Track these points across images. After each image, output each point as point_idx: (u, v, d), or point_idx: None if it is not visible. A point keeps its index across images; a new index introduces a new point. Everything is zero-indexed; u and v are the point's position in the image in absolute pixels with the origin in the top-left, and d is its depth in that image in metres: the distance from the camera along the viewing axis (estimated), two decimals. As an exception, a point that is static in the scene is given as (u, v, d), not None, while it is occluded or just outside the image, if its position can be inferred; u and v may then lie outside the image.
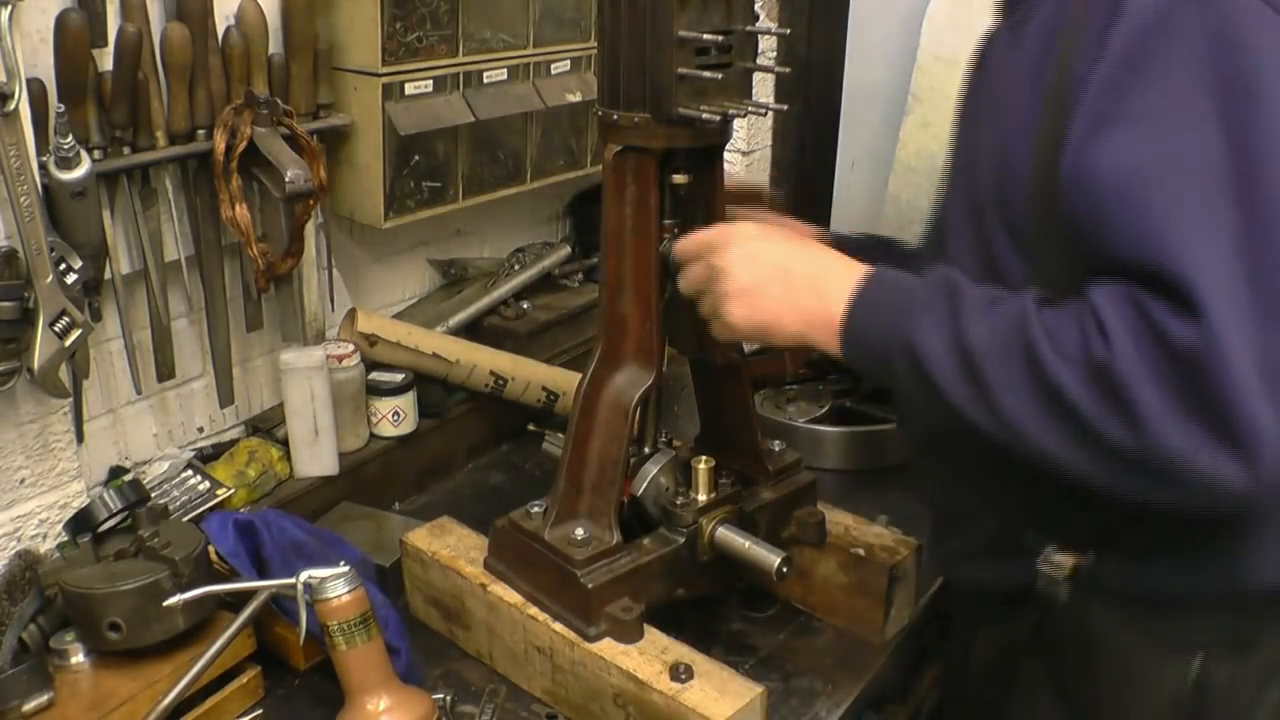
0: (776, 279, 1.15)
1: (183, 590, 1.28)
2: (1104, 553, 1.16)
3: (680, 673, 1.23)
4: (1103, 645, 1.19)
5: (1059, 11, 1.08)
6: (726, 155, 1.36)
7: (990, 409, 1.00)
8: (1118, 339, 0.93)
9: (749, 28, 1.27)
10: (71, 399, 1.46)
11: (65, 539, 1.46)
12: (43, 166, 1.33)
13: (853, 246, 1.57)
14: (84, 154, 1.35)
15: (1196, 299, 0.90)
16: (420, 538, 1.50)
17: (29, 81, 1.31)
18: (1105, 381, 0.93)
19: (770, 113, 1.31)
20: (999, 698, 1.33)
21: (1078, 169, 0.99)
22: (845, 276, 1.13)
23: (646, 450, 1.45)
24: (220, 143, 1.50)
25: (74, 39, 1.35)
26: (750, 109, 1.27)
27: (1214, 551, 1.12)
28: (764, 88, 2.14)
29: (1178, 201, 0.93)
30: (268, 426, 1.77)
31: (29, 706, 1.24)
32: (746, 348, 1.54)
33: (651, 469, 1.41)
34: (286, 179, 1.48)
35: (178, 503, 1.57)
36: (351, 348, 1.76)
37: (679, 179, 1.32)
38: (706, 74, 1.21)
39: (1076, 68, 1.02)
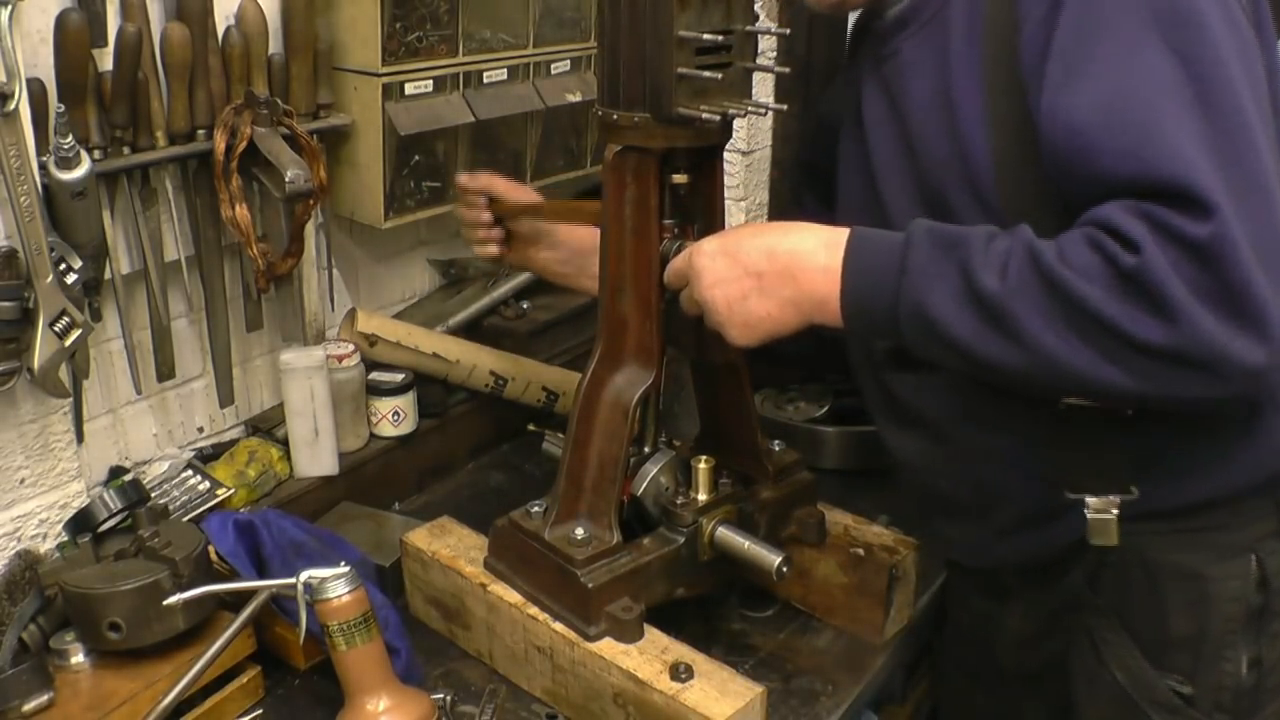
0: (752, 289, 1.17)
1: (183, 590, 1.28)
2: (1145, 481, 1.19)
3: (680, 673, 1.23)
4: (1163, 570, 1.23)
5: (971, 6, 1.15)
6: (726, 155, 1.36)
7: (1022, 349, 1.03)
8: (1145, 244, 0.97)
9: (749, 28, 1.27)
10: (71, 399, 1.46)
11: (65, 539, 1.46)
12: (43, 166, 1.33)
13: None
14: (84, 154, 1.35)
15: (1204, 197, 0.96)
16: (420, 538, 1.50)
17: (29, 81, 1.31)
18: (1138, 286, 0.97)
19: (770, 113, 1.31)
20: (1033, 669, 1.36)
21: (1057, 116, 1.05)
22: (821, 251, 1.14)
23: (646, 450, 1.45)
24: (220, 143, 1.50)
25: (74, 39, 1.35)
26: (750, 109, 1.27)
27: (1245, 444, 1.19)
28: (764, 88, 2.14)
29: (1157, 117, 1.00)
30: (268, 426, 1.77)
31: (29, 706, 1.24)
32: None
33: (651, 469, 1.41)
34: (286, 179, 1.48)
35: (178, 503, 1.57)
36: (351, 348, 1.76)
37: (679, 179, 1.32)
38: (706, 74, 1.21)
39: (1021, 37, 1.09)
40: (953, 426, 1.29)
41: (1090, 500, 1.20)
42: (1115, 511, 1.19)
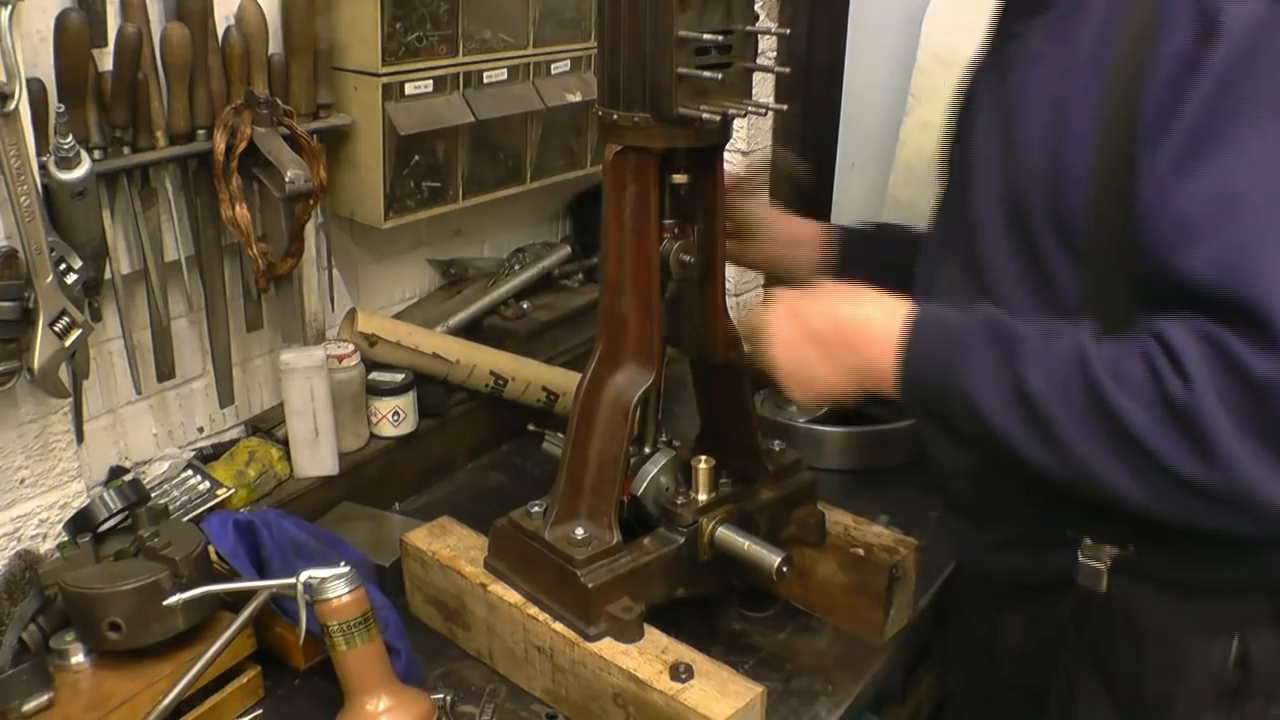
0: (816, 355, 1.19)
1: (183, 590, 1.28)
2: (1145, 546, 1.18)
3: (680, 673, 1.23)
4: (1145, 630, 1.22)
5: (1115, 11, 1.07)
6: (726, 155, 1.36)
7: (1058, 454, 1.03)
8: (1198, 378, 0.94)
9: (749, 28, 1.27)
10: (71, 399, 1.46)
11: (65, 539, 1.46)
12: (43, 166, 1.33)
13: (858, 237, 1.57)
14: (84, 154, 1.35)
15: (1275, 331, 0.92)
16: (420, 538, 1.50)
17: (29, 81, 1.31)
18: (1183, 420, 0.95)
19: (770, 113, 1.31)
20: (1033, 685, 1.35)
21: (1165, 196, 1.00)
22: (884, 325, 1.14)
23: (647, 450, 1.45)
24: (220, 143, 1.50)
25: (74, 39, 1.35)
26: (750, 109, 1.27)
27: (1254, 548, 1.16)
28: (764, 88, 2.14)
29: (1264, 230, 0.95)
30: (268, 426, 1.77)
31: (29, 706, 1.24)
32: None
33: (651, 469, 1.42)
34: (286, 179, 1.48)
35: (178, 503, 1.57)
36: (351, 348, 1.76)
37: (679, 179, 1.32)
38: (706, 74, 1.21)
39: (1151, 83, 1.01)
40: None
41: (1086, 543, 1.20)
42: (1109, 563, 1.19)
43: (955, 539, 1.46)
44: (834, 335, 1.18)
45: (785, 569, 1.33)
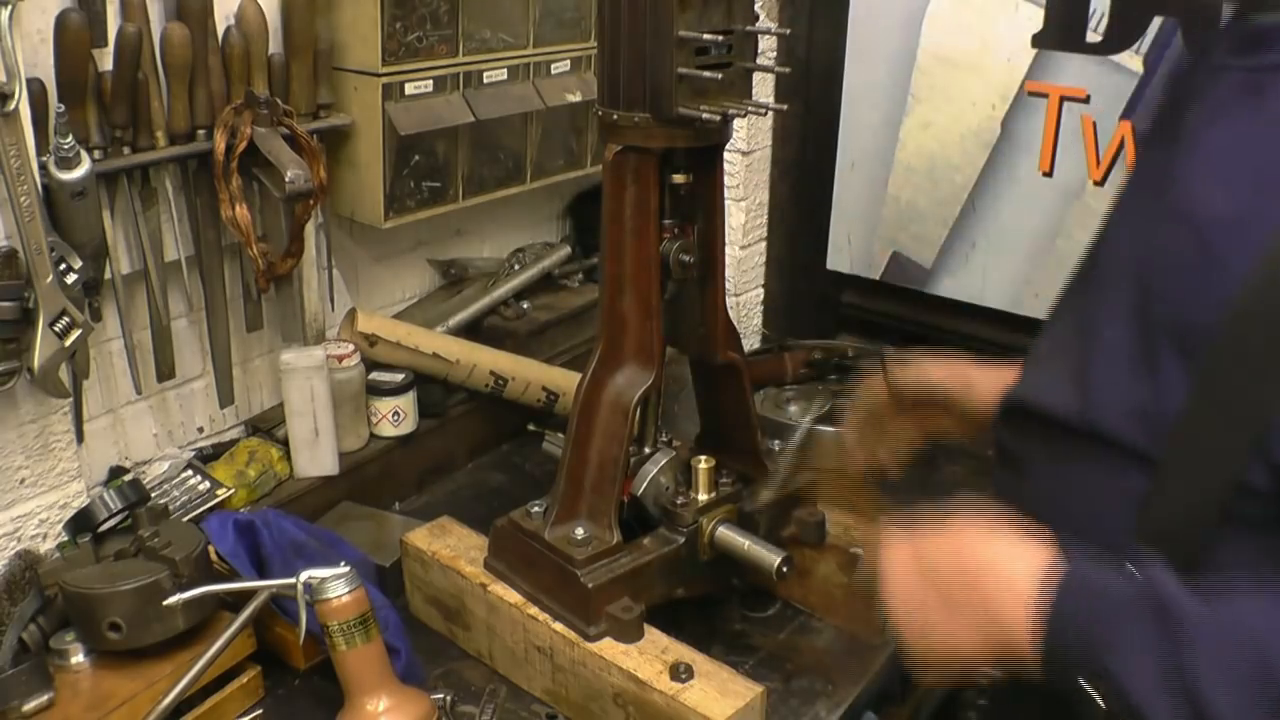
0: (937, 603, 0.99)
1: (183, 590, 1.28)
2: None
3: (680, 672, 1.23)
4: None
5: None
6: (726, 155, 1.36)
7: None
8: None
9: (749, 28, 1.27)
10: (71, 399, 1.46)
11: (65, 539, 1.46)
12: (43, 166, 1.33)
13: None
14: (84, 154, 1.35)
15: None
16: (420, 538, 1.50)
17: (29, 81, 1.31)
18: None
19: (770, 113, 1.31)
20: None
21: None
22: (1021, 575, 0.93)
23: (647, 450, 1.45)
24: (220, 143, 1.50)
25: (74, 39, 1.35)
26: (750, 109, 1.27)
27: None
28: (764, 88, 2.14)
29: None
30: (268, 426, 1.77)
31: (29, 706, 1.24)
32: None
33: (651, 469, 1.42)
34: (286, 179, 1.48)
35: (178, 503, 1.57)
36: (351, 348, 1.76)
37: (679, 179, 1.32)
38: (706, 74, 1.21)
39: None
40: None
41: None
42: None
43: None
44: (959, 580, 0.98)
45: (785, 569, 1.33)
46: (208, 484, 1.62)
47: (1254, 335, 0.85)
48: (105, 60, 1.41)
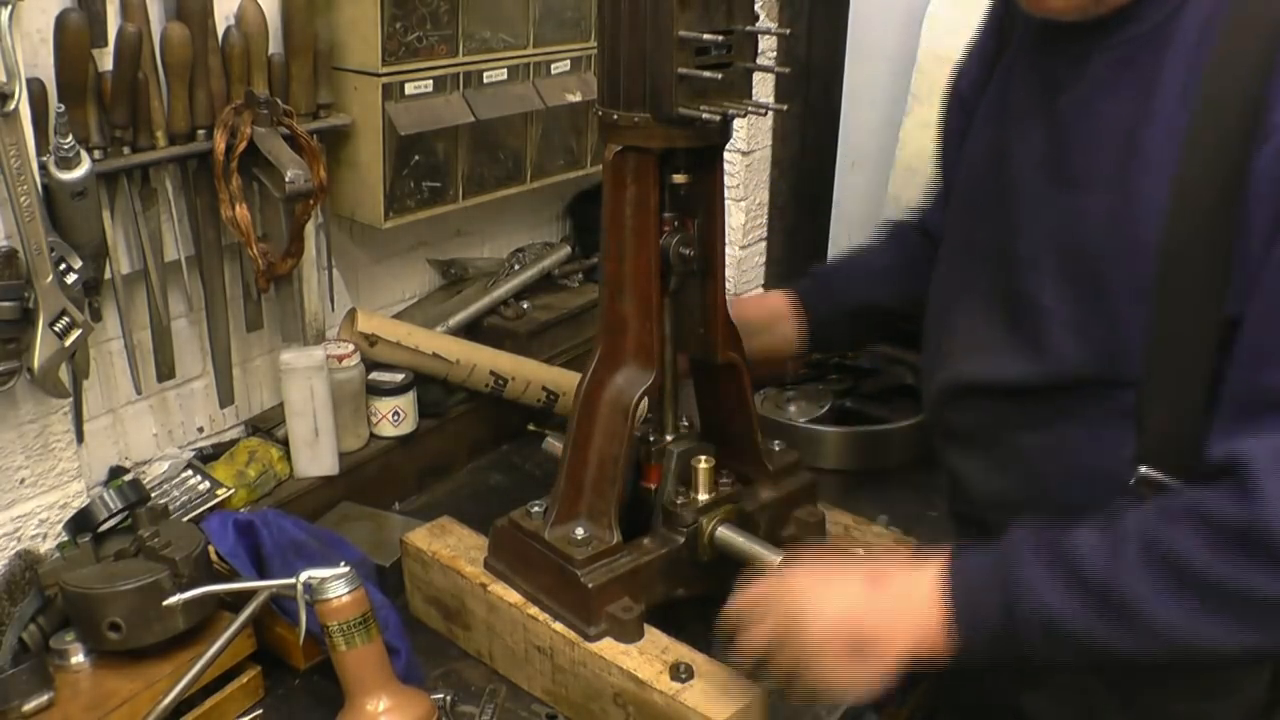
0: (848, 658, 1.08)
1: (183, 590, 1.28)
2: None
3: (680, 673, 1.23)
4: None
5: (1205, 40, 0.99)
6: (726, 155, 1.36)
7: (1149, 634, 0.98)
8: (1258, 490, 0.92)
9: (749, 28, 1.27)
10: (71, 399, 1.46)
11: (65, 539, 1.46)
12: (43, 166, 1.33)
13: (811, 297, 1.58)
14: (84, 154, 1.35)
15: None
16: (420, 538, 1.50)
17: (29, 81, 1.31)
18: (1251, 544, 0.92)
19: (770, 113, 1.31)
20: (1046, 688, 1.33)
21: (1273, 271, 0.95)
22: (917, 597, 1.07)
23: (669, 437, 1.43)
24: (220, 143, 1.50)
25: (74, 39, 1.35)
26: (750, 109, 1.27)
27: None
28: (764, 88, 2.14)
29: None
30: (268, 426, 1.77)
31: (29, 706, 1.24)
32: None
33: (675, 450, 1.40)
34: (286, 179, 1.48)
35: (178, 503, 1.57)
36: (351, 348, 1.76)
37: (679, 179, 1.32)
38: (706, 74, 1.21)
39: (1265, 147, 0.94)
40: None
41: None
42: None
43: None
44: (861, 633, 1.07)
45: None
46: (208, 484, 1.62)
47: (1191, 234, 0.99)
48: (105, 60, 1.41)
